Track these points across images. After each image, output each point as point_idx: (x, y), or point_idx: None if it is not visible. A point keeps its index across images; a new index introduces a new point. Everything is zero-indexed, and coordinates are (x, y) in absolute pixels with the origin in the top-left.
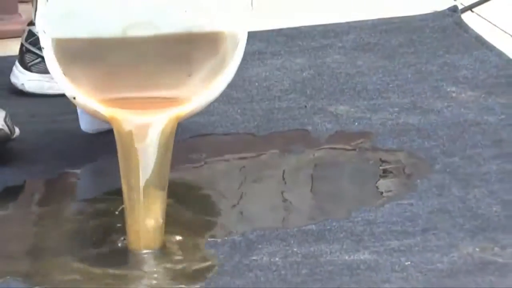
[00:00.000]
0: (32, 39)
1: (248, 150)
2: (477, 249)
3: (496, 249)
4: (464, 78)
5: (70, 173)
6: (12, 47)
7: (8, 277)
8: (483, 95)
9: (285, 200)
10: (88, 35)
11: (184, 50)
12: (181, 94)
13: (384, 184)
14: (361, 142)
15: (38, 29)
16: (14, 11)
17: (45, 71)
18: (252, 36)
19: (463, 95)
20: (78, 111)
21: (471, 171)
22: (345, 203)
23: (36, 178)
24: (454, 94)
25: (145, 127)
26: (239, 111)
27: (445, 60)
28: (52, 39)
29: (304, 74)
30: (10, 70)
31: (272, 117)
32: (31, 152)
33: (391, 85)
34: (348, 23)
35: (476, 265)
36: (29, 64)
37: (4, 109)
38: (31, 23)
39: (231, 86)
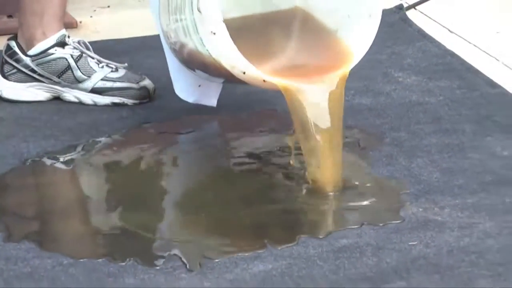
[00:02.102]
0: (10, 52)
1: (232, 128)
2: (420, 209)
3: (436, 209)
4: (409, 65)
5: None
6: None
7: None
8: (424, 80)
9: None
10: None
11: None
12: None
13: (342, 155)
14: None
15: (210, 12)
16: None
17: (21, 80)
18: None
19: (408, 79)
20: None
21: (415, 143)
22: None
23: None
24: (400, 79)
25: (316, 91)
26: (223, 95)
27: (393, 50)
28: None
29: None
30: None
31: (248, 100)
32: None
33: None
34: None
35: (419, 223)
36: (7, 74)
37: None
38: (12, 38)
39: None
